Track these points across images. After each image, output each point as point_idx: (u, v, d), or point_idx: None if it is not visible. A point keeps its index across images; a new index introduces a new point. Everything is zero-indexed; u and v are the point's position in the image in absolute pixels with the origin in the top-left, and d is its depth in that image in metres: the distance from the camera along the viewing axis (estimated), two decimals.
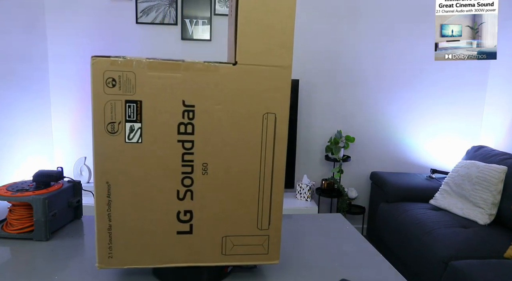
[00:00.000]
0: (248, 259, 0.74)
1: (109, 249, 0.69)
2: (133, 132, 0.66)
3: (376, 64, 2.66)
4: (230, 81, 0.66)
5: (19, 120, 2.19)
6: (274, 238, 0.74)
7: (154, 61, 0.64)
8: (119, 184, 0.67)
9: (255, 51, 0.66)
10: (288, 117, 0.69)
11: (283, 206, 0.73)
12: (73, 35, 2.44)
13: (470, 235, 1.85)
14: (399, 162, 2.79)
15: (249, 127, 0.68)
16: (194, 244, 0.71)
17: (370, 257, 0.89)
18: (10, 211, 0.93)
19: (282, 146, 0.69)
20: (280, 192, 0.72)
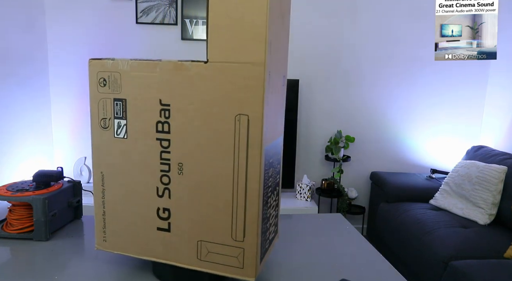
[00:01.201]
0: (222, 269, 0.69)
1: (103, 233, 0.75)
2: (120, 128, 0.71)
3: (376, 64, 2.66)
4: (202, 80, 0.63)
5: (19, 120, 2.18)
6: (250, 253, 0.66)
7: (135, 61, 0.67)
8: (110, 175, 0.72)
9: (226, 48, 0.61)
10: (262, 120, 0.61)
11: (259, 220, 0.65)
12: (73, 35, 2.44)
13: (470, 235, 1.85)
14: (399, 162, 2.78)
15: (221, 128, 0.63)
16: (172, 242, 0.71)
17: (370, 257, 0.89)
18: (10, 211, 0.93)
19: (256, 151, 0.62)
20: (254, 203, 0.64)
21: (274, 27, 0.62)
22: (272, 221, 0.74)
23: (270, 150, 0.68)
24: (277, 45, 0.65)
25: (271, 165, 0.70)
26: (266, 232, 0.70)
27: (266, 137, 0.64)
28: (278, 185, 0.78)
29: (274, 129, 0.69)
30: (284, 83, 0.72)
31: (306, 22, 2.57)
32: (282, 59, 0.70)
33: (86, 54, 2.46)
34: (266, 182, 0.67)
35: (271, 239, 0.75)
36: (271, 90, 0.64)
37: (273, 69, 0.64)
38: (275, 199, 0.76)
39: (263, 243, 0.69)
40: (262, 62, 0.60)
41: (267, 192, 0.68)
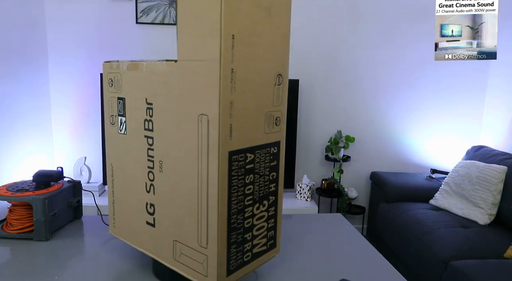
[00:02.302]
0: (191, 273, 0.67)
1: (113, 219, 0.83)
2: (122, 125, 0.76)
3: (376, 64, 2.66)
4: (173, 79, 0.64)
5: (19, 120, 2.18)
6: (212, 262, 0.63)
7: (130, 62, 0.71)
8: (117, 167, 0.78)
9: (191, 45, 0.60)
10: (218, 121, 0.58)
11: (223, 228, 0.61)
12: (73, 35, 2.44)
13: (470, 235, 1.85)
14: (399, 162, 2.79)
15: (187, 129, 0.62)
16: (156, 238, 0.72)
17: (370, 257, 0.89)
18: (10, 211, 0.93)
19: (215, 154, 0.59)
20: (214, 210, 0.61)
21: (247, 21, 0.59)
22: (257, 232, 0.69)
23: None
24: (254, 40, 0.61)
25: (251, 171, 0.65)
26: (241, 243, 0.66)
27: (233, 140, 0.60)
28: (275, 195, 0.72)
29: (254, 133, 0.65)
30: (279, 82, 0.68)
31: (306, 22, 2.57)
32: (270, 56, 0.65)
33: (86, 54, 2.46)
34: (238, 189, 0.63)
35: (255, 252, 0.70)
36: (242, 89, 0.60)
37: (245, 66, 0.60)
38: (264, 209, 0.70)
39: (235, 254, 0.65)
40: (216, 59, 0.57)
41: (240, 200, 0.64)
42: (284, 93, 0.70)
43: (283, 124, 0.71)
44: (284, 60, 0.68)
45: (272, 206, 0.72)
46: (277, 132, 0.70)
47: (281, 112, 0.70)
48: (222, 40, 0.56)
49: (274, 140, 0.69)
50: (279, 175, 0.72)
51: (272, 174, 0.70)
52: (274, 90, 0.67)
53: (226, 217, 0.62)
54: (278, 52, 0.66)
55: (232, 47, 0.58)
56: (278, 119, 0.70)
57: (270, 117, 0.67)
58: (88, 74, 2.47)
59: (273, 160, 0.70)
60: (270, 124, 0.68)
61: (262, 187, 0.69)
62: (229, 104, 0.59)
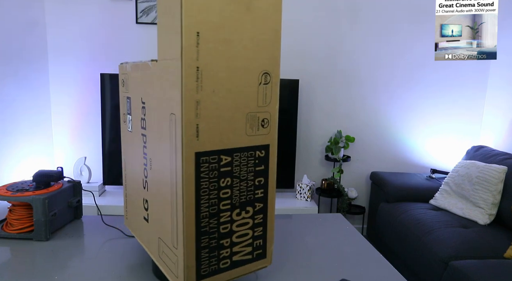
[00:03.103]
0: (168, 272, 0.67)
1: (126, 212, 0.87)
2: (129, 122, 0.79)
3: (376, 64, 2.66)
4: (154, 78, 0.64)
5: (19, 120, 2.18)
6: (180, 264, 0.62)
7: (133, 64, 0.74)
8: (127, 163, 0.82)
9: (165, 45, 0.60)
10: (181, 121, 0.56)
11: (188, 231, 0.60)
12: (73, 35, 2.44)
13: (470, 235, 1.84)
14: (399, 162, 2.79)
15: (164, 127, 0.62)
16: (148, 233, 0.73)
17: (370, 257, 0.89)
18: (10, 211, 0.93)
19: (179, 155, 0.58)
20: (180, 212, 0.60)
21: (217, 18, 0.57)
22: (238, 239, 0.66)
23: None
24: (228, 37, 0.59)
25: (227, 175, 0.63)
26: (216, 249, 0.64)
27: (200, 141, 0.58)
28: (263, 202, 0.68)
29: (232, 135, 0.62)
30: (266, 81, 0.64)
31: (306, 22, 2.57)
32: (252, 53, 0.61)
33: (86, 54, 2.46)
34: (210, 192, 0.61)
35: (236, 260, 0.67)
36: (213, 88, 0.58)
37: (216, 64, 0.58)
38: (248, 216, 0.67)
39: (208, 259, 0.63)
40: (177, 57, 0.55)
41: (213, 204, 0.62)
42: (274, 93, 0.66)
43: (273, 127, 0.67)
44: (273, 58, 0.64)
45: (259, 213, 0.68)
46: (265, 134, 0.66)
47: (270, 114, 0.66)
48: (183, 37, 0.55)
49: (260, 144, 0.65)
50: (269, 181, 0.68)
51: (259, 179, 0.67)
52: (259, 90, 0.64)
53: (193, 219, 0.60)
54: (262, 49, 0.63)
55: (197, 45, 0.56)
56: (266, 121, 0.65)
57: (254, 118, 0.64)
58: (88, 74, 2.47)
59: (260, 165, 0.66)
60: (254, 126, 0.64)
61: (244, 192, 0.65)
62: (195, 104, 0.57)
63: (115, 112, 2.40)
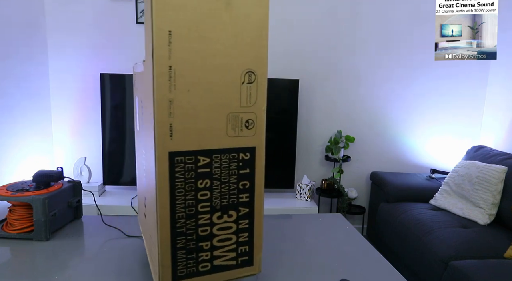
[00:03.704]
0: (153, 269, 0.67)
1: (138, 209, 0.91)
2: (137, 122, 0.81)
3: (376, 64, 2.66)
4: (144, 78, 0.64)
5: (19, 120, 2.18)
6: (156, 262, 0.62)
7: (137, 64, 0.76)
8: (136, 161, 0.86)
9: (146, 44, 0.60)
10: (154, 120, 0.57)
11: (163, 230, 0.60)
12: (73, 35, 2.44)
13: (470, 235, 1.84)
14: (399, 162, 2.79)
15: (150, 128, 0.62)
16: (146, 231, 0.76)
17: (370, 257, 0.89)
18: (10, 211, 0.93)
19: (153, 154, 0.58)
20: (154, 210, 0.60)
21: (192, 15, 0.56)
22: (220, 244, 0.65)
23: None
24: (205, 35, 0.57)
25: (206, 176, 0.61)
26: (194, 251, 0.63)
27: (174, 141, 0.58)
28: (248, 207, 0.66)
29: (210, 136, 0.60)
30: (250, 80, 0.61)
31: (306, 22, 2.57)
32: (233, 51, 0.60)
33: (86, 54, 2.46)
34: (186, 193, 0.60)
35: (218, 265, 0.66)
36: (188, 87, 0.57)
37: (191, 63, 0.57)
38: (231, 220, 0.65)
39: (186, 261, 0.63)
40: (150, 57, 0.55)
41: (190, 205, 0.61)
42: (260, 92, 0.63)
43: (260, 128, 0.63)
44: (258, 56, 0.61)
45: (244, 218, 0.66)
46: (250, 136, 0.63)
47: (256, 115, 0.63)
48: (154, 36, 0.54)
49: (244, 145, 0.63)
50: (256, 185, 0.65)
51: (243, 183, 0.64)
52: (242, 89, 0.61)
53: (168, 219, 0.60)
54: (245, 47, 0.60)
55: (169, 44, 0.55)
56: (251, 122, 0.63)
57: (236, 119, 0.62)
58: (88, 74, 2.47)
59: (244, 168, 0.64)
60: (237, 127, 0.62)
61: (225, 196, 0.63)
62: (168, 103, 0.56)
63: (115, 112, 2.40)
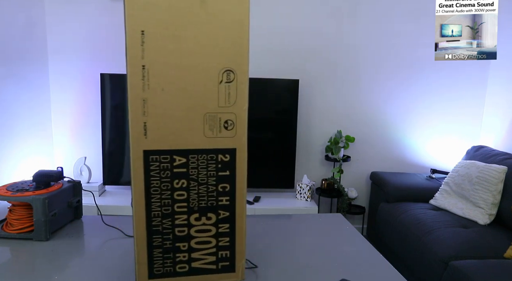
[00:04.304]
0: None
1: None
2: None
3: (376, 64, 2.66)
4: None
5: (19, 120, 2.18)
6: (133, 258, 0.64)
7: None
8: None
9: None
10: (128, 118, 0.59)
11: (138, 227, 0.61)
12: (73, 35, 2.44)
13: (470, 235, 1.84)
14: (399, 162, 2.78)
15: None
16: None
17: (370, 257, 0.89)
18: (10, 211, 0.93)
19: (130, 152, 0.60)
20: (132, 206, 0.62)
21: (165, 15, 0.56)
22: (198, 246, 0.64)
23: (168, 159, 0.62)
24: (179, 34, 0.57)
25: (183, 176, 0.61)
26: (171, 250, 0.63)
27: (149, 140, 0.58)
28: (229, 211, 0.64)
29: (187, 136, 0.60)
30: (228, 79, 0.60)
31: (306, 22, 2.57)
32: (209, 50, 0.58)
33: (86, 54, 2.46)
34: (162, 191, 0.61)
35: (196, 267, 0.65)
36: (162, 87, 0.57)
37: (164, 62, 0.57)
38: (210, 223, 0.64)
39: (162, 260, 0.63)
40: (125, 54, 0.56)
41: (166, 204, 0.61)
42: (240, 92, 0.60)
43: (241, 130, 0.61)
44: (238, 54, 0.59)
45: (224, 222, 0.64)
46: (229, 137, 0.61)
47: (235, 115, 0.61)
48: (127, 36, 0.55)
49: (223, 147, 0.61)
50: (237, 188, 0.63)
51: (222, 185, 0.63)
52: (220, 89, 0.60)
53: (144, 217, 0.60)
54: (223, 45, 0.58)
55: (142, 43, 0.55)
56: (230, 123, 0.61)
57: (214, 119, 0.60)
58: (88, 74, 2.47)
59: (223, 170, 0.62)
60: (215, 128, 0.61)
61: (204, 197, 0.62)
62: (142, 102, 0.57)
63: (115, 112, 2.40)
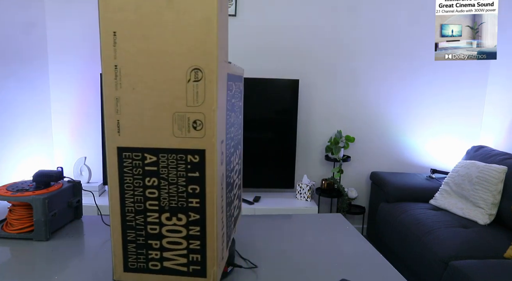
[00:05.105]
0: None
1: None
2: None
3: (376, 64, 2.66)
4: None
5: (19, 120, 2.18)
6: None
7: None
8: None
9: None
10: (103, 115, 0.64)
11: (119, 219, 0.64)
12: (73, 35, 2.44)
13: (470, 235, 1.84)
14: (399, 162, 2.78)
15: None
16: None
17: (370, 257, 0.89)
18: (10, 211, 0.93)
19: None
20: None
21: (134, 16, 0.57)
22: (170, 246, 0.64)
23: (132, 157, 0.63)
24: (147, 34, 0.58)
25: (153, 174, 0.62)
26: (144, 247, 0.65)
27: (122, 137, 0.61)
28: (199, 214, 0.62)
29: (156, 134, 0.60)
30: (196, 78, 0.58)
31: (306, 22, 2.57)
32: (177, 48, 0.58)
33: (86, 54, 2.46)
34: (134, 188, 0.63)
35: (167, 267, 0.65)
36: (133, 86, 0.59)
37: (135, 62, 0.58)
38: (181, 224, 0.63)
39: (136, 255, 0.65)
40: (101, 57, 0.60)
41: (138, 201, 0.63)
42: (209, 91, 0.58)
43: (210, 130, 0.59)
44: (206, 51, 0.57)
45: (195, 225, 0.62)
46: (198, 138, 0.59)
47: (204, 115, 0.58)
48: (101, 38, 0.58)
49: (192, 147, 0.60)
50: (207, 192, 0.61)
51: (192, 187, 0.61)
52: (188, 88, 0.58)
53: (119, 211, 0.63)
54: (190, 42, 0.57)
55: (114, 44, 0.58)
56: (199, 123, 0.59)
57: (183, 119, 0.59)
58: (88, 74, 2.47)
59: (193, 171, 0.61)
60: (183, 128, 0.59)
61: (174, 197, 0.62)
62: (115, 100, 0.59)
63: None
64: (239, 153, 0.89)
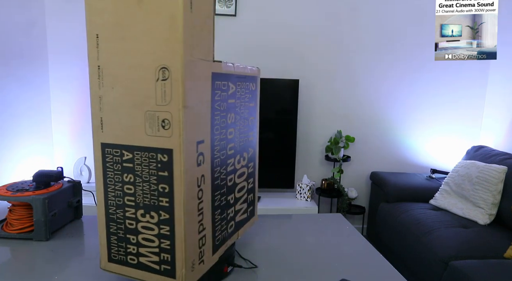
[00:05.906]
0: None
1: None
2: None
3: (376, 64, 2.66)
4: None
5: (19, 120, 2.18)
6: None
7: None
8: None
9: None
10: (90, 113, 0.68)
11: (103, 211, 0.67)
12: (73, 35, 2.44)
13: (470, 235, 1.84)
14: (399, 162, 2.78)
15: None
16: None
17: (370, 257, 0.89)
18: (10, 211, 0.93)
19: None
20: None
21: (112, 18, 0.60)
22: (145, 243, 0.64)
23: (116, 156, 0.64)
24: (122, 35, 0.59)
25: (130, 171, 0.63)
26: (123, 240, 0.66)
27: (104, 133, 0.64)
28: (169, 213, 0.61)
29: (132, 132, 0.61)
30: (164, 77, 0.57)
31: (306, 22, 2.57)
32: (148, 48, 0.58)
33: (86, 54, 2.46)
34: (115, 183, 0.65)
35: (143, 263, 0.65)
36: (112, 85, 0.62)
37: (113, 62, 0.61)
38: (154, 222, 0.63)
39: (117, 247, 0.67)
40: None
41: (118, 195, 0.65)
42: (176, 90, 0.57)
43: (177, 130, 0.58)
44: (171, 50, 0.56)
45: (165, 224, 0.62)
46: (166, 137, 0.59)
47: (171, 114, 0.57)
48: (87, 41, 0.63)
49: (161, 146, 0.59)
50: (175, 192, 0.60)
51: (162, 186, 0.61)
52: (157, 87, 0.58)
53: (103, 203, 0.66)
54: (158, 42, 0.57)
55: (97, 46, 0.62)
56: (167, 122, 0.58)
57: (153, 117, 0.59)
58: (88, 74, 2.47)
59: (162, 170, 0.60)
60: (154, 126, 0.59)
61: (147, 194, 0.62)
62: (98, 99, 0.64)
63: None
64: (249, 156, 0.86)
